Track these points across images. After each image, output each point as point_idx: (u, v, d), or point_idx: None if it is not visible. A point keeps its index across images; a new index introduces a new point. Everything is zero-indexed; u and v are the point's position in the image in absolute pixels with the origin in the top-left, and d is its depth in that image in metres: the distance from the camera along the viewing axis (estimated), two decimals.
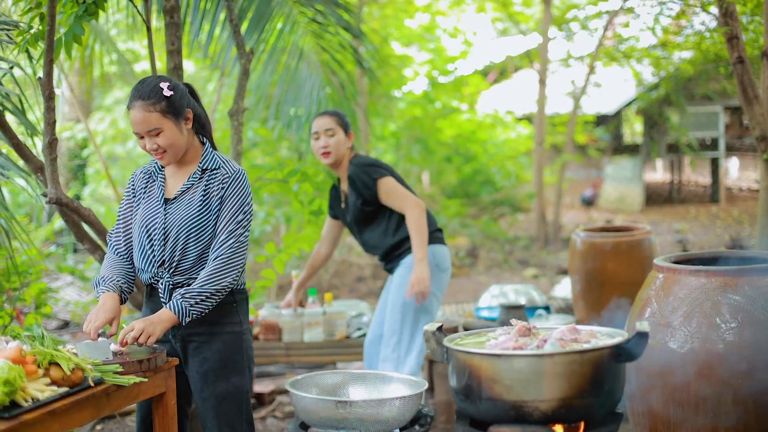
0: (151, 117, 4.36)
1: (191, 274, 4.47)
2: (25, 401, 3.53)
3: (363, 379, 4.57)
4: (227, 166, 4.53)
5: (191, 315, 4.30)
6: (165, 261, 4.49)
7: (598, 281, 7.61)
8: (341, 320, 7.26)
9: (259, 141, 14.16)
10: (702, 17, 14.21)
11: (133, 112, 4.39)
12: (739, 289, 4.60)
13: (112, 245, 4.68)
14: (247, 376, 4.59)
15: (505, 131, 21.58)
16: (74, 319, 10.26)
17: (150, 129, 4.37)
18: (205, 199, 4.46)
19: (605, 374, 3.54)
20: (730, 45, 7.16)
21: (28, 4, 5.38)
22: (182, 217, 4.45)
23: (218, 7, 7.79)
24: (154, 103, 4.36)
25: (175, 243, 4.45)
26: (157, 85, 4.40)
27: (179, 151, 4.48)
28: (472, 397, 3.65)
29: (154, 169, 4.66)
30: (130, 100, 4.41)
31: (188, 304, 4.28)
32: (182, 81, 4.84)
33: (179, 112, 4.44)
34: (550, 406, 3.49)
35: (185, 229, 4.44)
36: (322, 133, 6.46)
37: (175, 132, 4.42)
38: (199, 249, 4.45)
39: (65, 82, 12.23)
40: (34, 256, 7.54)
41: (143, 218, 4.55)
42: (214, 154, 4.59)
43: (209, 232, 4.44)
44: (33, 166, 5.69)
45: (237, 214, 4.43)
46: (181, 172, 4.59)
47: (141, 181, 4.68)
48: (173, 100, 4.41)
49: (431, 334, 4.05)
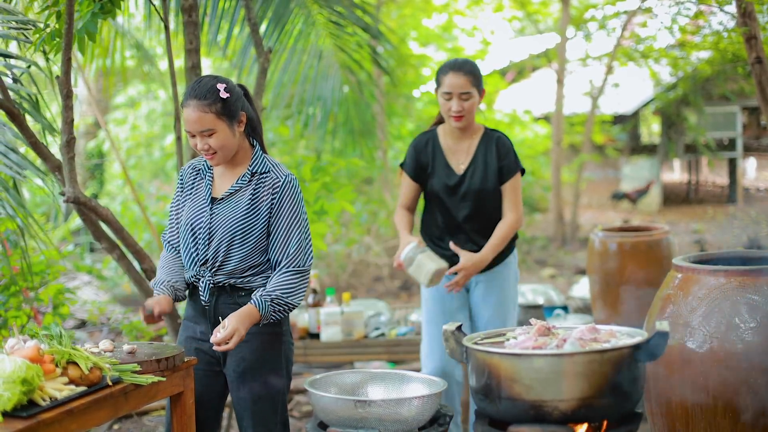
0: (206, 118, 4.35)
1: (233, 275, 4.48)
2: (43, 400, 3.54)
3: (382, 378, 4.57)
4: (276, 171, 4.53)
5: (270, 319, 4.36)
6: (208, 260, 4.50)
7: (617, 281, 7.58)
8: (359, 320, 7.27)
9: (277, 140, 14.16)
10: (720, 17, 14.17)
11: (187, 111, 4.38)
12: (758, 288, 4.58)
13: (166, 241, 4.73)
14: (284, 378, 4.59)
15: (522, 131, 21.52)
16: (91, 319, 10.26)
17: (203, 129, 4.36)
18: (253, 203, 4.47)
19: (625, 374, 3.52)
20: (749, 45, 7.13)
21: (45, 2, 5.38)
22: (229, 219, 4.46)
23: (237, 6, 7.79)
24: (210, 104, 4.35)
25: (219, 244, 4.46)
26: (213, 86, 4.39)
27: (230, 153, 4.48)
28: (491, 396, 3.64)
29: (203, 167, 4.66)
30: (185, 98, 4.41)
31: (273, 309, 4.34)
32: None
33: (234, 115, 4.43)
34: (570, 405, 3.48)
35: (231, 231, 4.44)
36: (456, 96, 5.78)
37: (228, 134, 4.41)
38: (244, 252, 4.45)
39: (82, 81, 12.25)
40: (52, 256, 7.55)
41: (189, 216, 4.57)
42: (264, 157, 4.59)
43: (255, 235, 4.44)
44: (51, 165, 5.70)
45: (298, 222, 4.47)
46: (229, 173, 4.59)
47: (189, 177, 4.70)
48: (229, 102, 4.40)
49: (450, 333, 4.04)
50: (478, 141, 5.98)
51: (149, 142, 15.49)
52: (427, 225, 6.16)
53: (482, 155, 5.94)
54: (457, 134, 5.97)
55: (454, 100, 5.76)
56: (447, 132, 6.01)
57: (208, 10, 7.68)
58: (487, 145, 5.95)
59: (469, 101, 5.78)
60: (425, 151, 6.03)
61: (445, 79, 5.79)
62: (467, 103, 5.77)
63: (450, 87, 5.76)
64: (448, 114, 5.82)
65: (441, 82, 5.82)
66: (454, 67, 5.78)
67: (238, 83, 4.63)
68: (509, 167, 5.91)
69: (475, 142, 5.98)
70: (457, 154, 5.99)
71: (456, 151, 5.99)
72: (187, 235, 4.56)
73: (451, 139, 6.00)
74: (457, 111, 5.77)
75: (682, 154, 25.29)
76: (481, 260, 5.80)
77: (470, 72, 5.78)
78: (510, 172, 5.91)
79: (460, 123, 5.82)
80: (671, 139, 24.60)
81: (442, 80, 5.81)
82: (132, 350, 4.27)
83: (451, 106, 5.78)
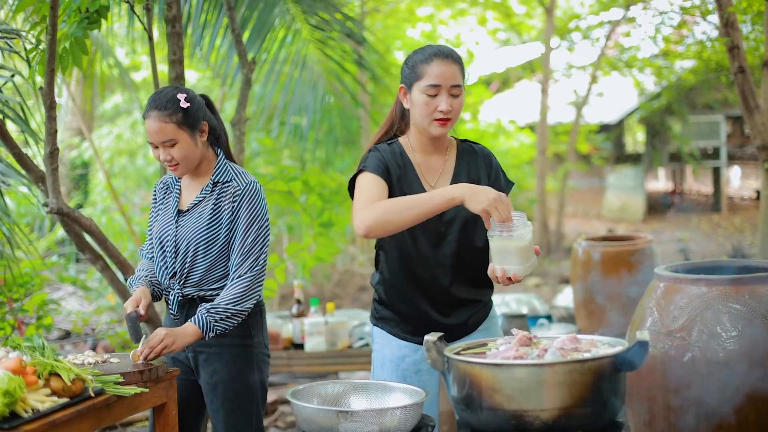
0: (167, 128, 4.34)
1: (201, 287, 4.48)
2: (26, 412, 3.53)
3: (365, 388, 4.57)
4: (239, 179, 4.51)
5: (215, 330, 4.32)
6: (176, 273, 4.51)
7: (600, 290, 7.61)
8: (343, 330, 7.27)
9: (261, 150, 14.17)
10: (703, 26, 14.26)
11: (148, 122, 4.38)
12: (740, 297, 4.60)
13: (144, 256, 4.75)
14: (259, 389, 4.60)
15: (507, 140, 21.56)
16: (75, 330, 10.25)
17: (165, 140, 4.35)
18: (215, 212, 4.46)
19: (606, 383, 3.53)
20: (731, 55, 7.17)
21: (32, 16, 5.39)
22: (192, 230, 4.46)
23: (220, 16, 7.81)
24: (171, 114, 4.35)
25: (185, 255, 4.46)
26: (174, 96, 4.39)
27: (192, 164, 4.48)
28: (472, 406, 3.65)
29: (171, 181, 4.67)
30: (146, 109, 4.40)
31: (213, 319, 4.30)
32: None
33: (195, 124, 4.43)
34: (551, 415, 3.49)
35: (194, 242, 4.44)
36: (445, 90, 4.25)
37: (190, 144, 4.41)
38: (208, 262, 4.45)
39: (66, 91, 12.25)
40: (36, 266, 7.55)
41: (158, 230, 4.59)
42: (228, 166, 4.58)
43: (219, 245, 4.44)
44: (34, 176, 5.69)
45: (253, 230, 4.43)
46: (195, 184, 4.59)
47: (160, 192, 4.71)
48: (190, 111, 4.40)
49: (432, 343, 4.05)
50: (455, 156, 4.50)
51: (133, 151, 15.48)
52: (394, 276, 4.50)
53: (464, 173, 4.46)
54: (428, 147, 4.43)
55: (443, 96, 4.23)
56: (415, 145, 4.44)
57: (191, 21, 7.69)
58: (470, 161, 4.49)
59: (459, 98, 4.28)
60: (394, 161, 4.38)
61: (428, 68, 4.26)
62: (457, 101, 4.27)
63: (438, 78, 4.22)
64: (430, 117, 4.26)
65: (421, 74, 4.26)
66: (441, 54, 4.29)
67: (200, 93, 4.64)
68: (505, 184, 4.52)
69: (451, 157, 4.49)
70: (431, 172, 4.44)
71: (429, 169, 4.44)
72: (156, 248, 4.58)
73: (422, 154, 4.43)
74: (447, 111, 4.23)
75: (666, 162, 25.43)
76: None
77: (458, 61, 4.35)
78: (505, 191, 4.45)
79: (446, 128, 4.29)
80: (656, 148, 24.71)
81: (423, 71, 4.27)
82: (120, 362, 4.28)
83: (437, 105, 4.23)
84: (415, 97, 4.28)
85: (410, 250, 4.37)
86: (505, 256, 3.95)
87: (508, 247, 3.92)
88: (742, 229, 20.88)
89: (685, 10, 13.37)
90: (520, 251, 3.93)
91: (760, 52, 9.54)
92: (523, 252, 3.94)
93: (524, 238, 3.91)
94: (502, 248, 3.94)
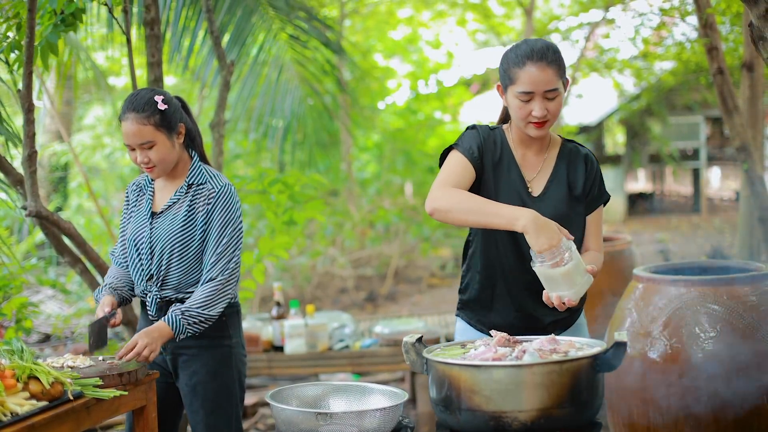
0: (145, 130, 4.35)
1: (179, 289, 4.49)
2: (4, 416, 3.52)
3: (344, 390, 4.57)
4: (213, 181, 4.53)
5: (186, 333, 4.33)
6: (152, 275, 4.51)
7: None
8: (323, 332, 7.26)
9: (241, 153, 14.16)
10: (682, 28, 14.31)
11: (125, 124, 4.38)
12: (719, 298, 4.62)
13: (114, 258, 4.74)
14: (237, 390, 4.62)
15: None
16: (55, 333, 10.22)
17: (142, 142, 4.36)
18: (189, 214, 4.47)
19: (584, 384, 3.54)
20: (710, 56, 7.22)
21: (7, 12, 5.37)
22: (167, 231, 4.46)
23: (199, 19, 7.80)
24: (148, 116, 4.36)
25: (160, 257, 4.47)
26: (151, 99, 4.40)
27: (169, 166, 4.49)
28: (451, 408, 3.65)
29: (145, 183, 4.67)
30: (123, 111, 4.41)
31: (186, 322, 4.31)
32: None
33: (172, 126, 4.44)
34: (530, 416, 3.49)
35: (170, 244, 4.45)
36: (539, 95, 4.08)
37: (168, 146, 4.42)
38: (185, 264, 4.46)
39: (45, 94, 12.21)
40: (15, 269, 7.52)
41: (132, 232, 4.58)
42: (202, 168, 4.59)
43: (194, 247, 4.45)
44: (12, 179, 5.68)
45: (226, 232, 4.45)
46: (169, 186, 4.60)
47: (133, 194, 4.71)
48: (167, 113, 4.41)
49: (411, 345, 4.05)
50: (557, 155, 4.37)
51: (112, 153, 15.44)
52: (483, 274, 4.43)
53: (563, 174, 4.33)
54: (528, 142, 4.32)
55: (536, 102, 4.07)
56: (516, 136, 4.32)
57: (170, 23, 7.68)
58: (570, 161, 4.35)
59: (556, 101, 4.10)
60: (494, 148, 4.30)
61: (521, 73, 4.07)
62: (553, 103, 4.10)
63: (531, 85, 4.05)
64: (525, 120, 4.12)
65: (515, 78, 4.10)
66: (535, 56, 4.07)
67: (175, 95, 4.64)
68: (600, 194, 4.44)
69: (552, 155, 4.36)
70: (530, 167, 4.34)
71: (528, 164, 4.34)
72: (131, 251, 4.58)
73: (522, 147, 4.33)
74: (542, 116, 4.08)
75: (646, 163, 25.50)
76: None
77: (556, 60, 4.12)
78: (599, 201, 4.44)
79: (542, 131, 4.16)
80: (635, 149, 24.78)
81: (516, 75, 4.09)
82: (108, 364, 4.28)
83: (531, 110, 4.08)
84: (510, 100, 4.15)
85: (502, 260, 4.32)
86: (553, 284, 3.93)
87: (553, 274, 3.89)
88: (721, 230, 20.93)
89: (665, 11, 13.44)
90: (564, 277, 3.89)
91: (739, 53, 9.60)
92: (569, 276, 3.90)
93: (567, 263, 3.86)
94: (548, 276, 3.91)
